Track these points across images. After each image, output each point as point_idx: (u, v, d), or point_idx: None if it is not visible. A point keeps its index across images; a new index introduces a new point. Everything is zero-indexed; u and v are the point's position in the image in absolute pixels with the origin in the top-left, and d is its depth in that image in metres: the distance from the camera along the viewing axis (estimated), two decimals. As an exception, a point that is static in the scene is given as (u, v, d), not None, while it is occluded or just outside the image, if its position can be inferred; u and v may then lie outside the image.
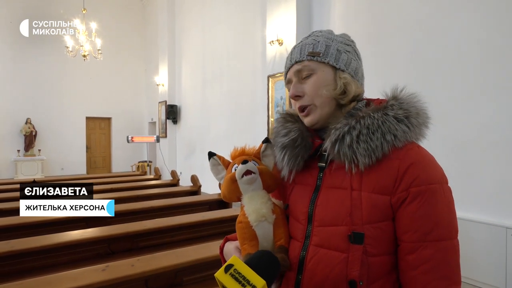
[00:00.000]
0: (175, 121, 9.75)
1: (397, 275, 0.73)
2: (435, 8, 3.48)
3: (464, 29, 3.24)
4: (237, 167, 0.84)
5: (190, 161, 9.13)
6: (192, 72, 9.09)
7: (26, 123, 10.44)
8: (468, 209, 3.11)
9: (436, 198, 0.69)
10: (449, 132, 3.28)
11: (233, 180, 0.83)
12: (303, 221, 0.80)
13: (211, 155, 0.91)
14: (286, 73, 0.88)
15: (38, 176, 9.80)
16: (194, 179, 4.69)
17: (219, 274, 0.63)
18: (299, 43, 0.87)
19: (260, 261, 0.68)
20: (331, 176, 0.79)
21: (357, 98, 0.83)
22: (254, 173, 0.82)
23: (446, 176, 0.74)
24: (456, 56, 3.29)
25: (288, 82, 0.87)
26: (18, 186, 5.03)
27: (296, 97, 0.83)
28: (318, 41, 0.83)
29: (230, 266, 0.63)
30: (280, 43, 5.14)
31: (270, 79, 5.42)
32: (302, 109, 0.83)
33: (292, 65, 0.85)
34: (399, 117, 0.74)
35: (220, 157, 0.91)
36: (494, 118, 3.02)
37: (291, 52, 0.87)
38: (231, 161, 0.89)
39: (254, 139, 6.47)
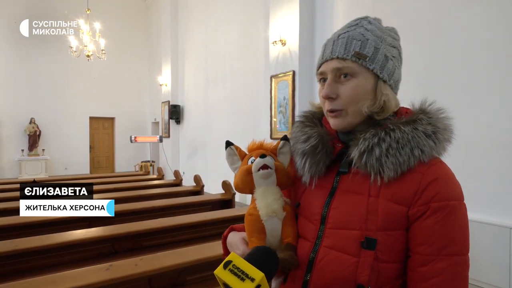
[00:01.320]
0: (178, 121, 9.77)
1: (403, 281, 0.73)
2: (438, 8, 3.47)
3: (466, 29, 3.22)
4: (254, 159, 0.84)
5: (193, 161, 9.14)
6: (195, 72, 9.10)
7: (30, 123, 10.50)
8: (471, 209, 3.07)
9: (454, 214, 0.69)
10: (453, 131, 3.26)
11: (248, 172, 0.83)
12: (316, 221, 0.79)
13: (228, 144, 0.90)
14: (321, 64, 0.80)
15: (42, 176, 9.85)
16: (197, 179, 4.70)
17: (218, 271, 0.63)
18: (344, 32, 0.79)
19: (257, 255, 0.69)
20: (348, 181, 0.78)
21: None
22: (270, 168, 0.82)
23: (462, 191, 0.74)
24: (458, 56, 3.28)
25: (321, 75, 0.80)
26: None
27: (329, 98, 0.78)
28: (367, 39, 0.76)
29: (228, 262, 0.64)
30: (283, 44, 5.13)
31: (273, 79, 5.41)
32: (331, 111, 0.79)
33: (331, 59, 0.77)
34: (427, 133, 0.73)
35: (237, 148, 0.90)
36: (497, 118, 3.01)
37: (334, 41, 0.79)
38: (247, 153, 0.90)
39: (256, 139, 6.41)
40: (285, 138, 0.89)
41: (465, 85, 3.23)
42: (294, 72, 5.00)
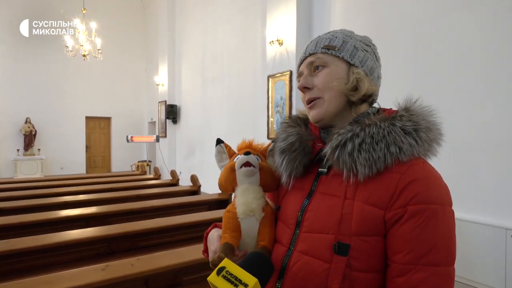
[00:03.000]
0: (174, 121, 9.75)
1: None
2: (435, 8, 3.48)
3: (462, 30, 3.24)
4: (239, 157, 0.84)
5: (189, 161, 9.13)
6: (192, 72, 9.09)
7: (26, 122, 10.43)
8: (467, 210, 3.11)
9: (435, 219, 0.64)
10: (449, 132, 3.25)
11: (232, 169, 0.83)
12: (291, 225, 0.77)
13: (218, 142, 0.90)
14: (299, 66, 0.86)
15: (38, 176, 9.79)
16: (193, 179, 4.69)
17: (212, 277, 0.63)
18: (315, 38, 0.85)
19: (251, 261, 0.69)
20: (326, 182, 0.76)
21: (370, 98, 0.80)
22: (253, 166, 0.81)
23: (451, 196, 0.69)
24: (457, 55, 3.29)
25: (300, 75, 0.85)
26: (17, 185, 5.04)
27: (304, 88, 0.81)
28: (336, 36, 0.81)
29: (222, 268, 0.63)
30: (280, 43, 5.14)
31: (270, 79, 5.42)
32: (309, 101, 0.81)
33: (305, 58, 0.83)
34: (406, 129, 0.69)
35: (226, 146, 0.90)
36: (495, 118, 3.02)
37: (307, 46, 0.85)
38: (237, 152, 0.89)
39: (254, 140, 6.44)
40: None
41: (462, 85, 3.25)
42: (291, 72, 5.01)
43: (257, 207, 0.80)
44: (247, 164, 0.81)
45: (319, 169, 0.79)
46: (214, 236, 0.87)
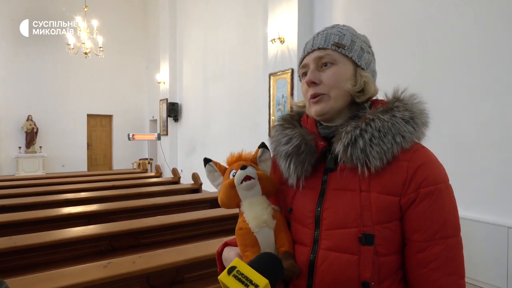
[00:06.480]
0: (176, 119, 9.75)
1: (403, 273, 0.75)
2: (436, 5, 3.47)
3: (466, 26, 3.23)
4: (235, 172, 0.82)
5: (191, 159, 9.14)
6: (193, 70, 9.08)
7: (27, 120, 10.46)
8: (469, 209, 3.11)
9: (443, 197, 0.71)
10: (451, 131, 3.28)
11: (231, 186, 0.81)
12: (310, 225, 0.78)
13: (206, 161, 0.88)
14: (303, 58, 0.85)
15: (39, 173, 9.82)
16: (195, 177, 4.70)
17: (223, 276, 0.63)
18: (323, 31, 0.85)
19: (262, 262, 0.69)
20: (337, 178, 0.78)
21: (371, 99, 0.83)
22: (253, 178, 0.81)
23: (446, 171, 0.77)
24: (458, 53, 3.28)
25: (304, 67, 0.85)
26: (19, 183, 5.06)
27: (312, 83, 0.81)
28: (344, 34, 0.82)
29: (233, 268, 0.64)
30: (282, 41, 5.13)
31: (272, 77, 5.41)
32: (314, 96, 0.81)
33: (313, 51, 0.83)
34: (406, 118, 0.75)
35: (216, 163, 0.88)
36: (495, 117, 3.02)
37: (313, 38, 0.85)
38: (227, 166, 0.87)
39: (255, 138, 6.50)
40: (262, 145, 0.88)
41: (463, 83, 3.24)
42: (292, 70, 5.00)
43: (267, 217, 0.81)
44: (247, 178, 0.80)
45: (327, 167, 0.81)
46: (231, 255, 0.86)
